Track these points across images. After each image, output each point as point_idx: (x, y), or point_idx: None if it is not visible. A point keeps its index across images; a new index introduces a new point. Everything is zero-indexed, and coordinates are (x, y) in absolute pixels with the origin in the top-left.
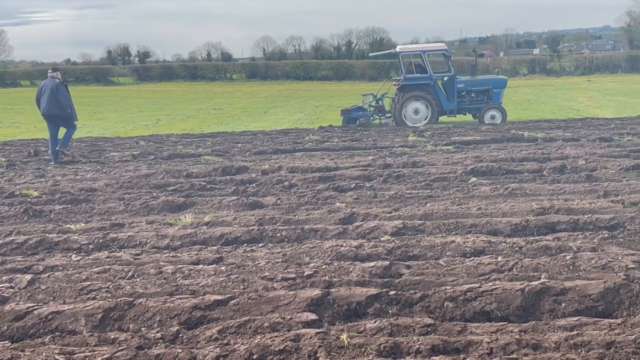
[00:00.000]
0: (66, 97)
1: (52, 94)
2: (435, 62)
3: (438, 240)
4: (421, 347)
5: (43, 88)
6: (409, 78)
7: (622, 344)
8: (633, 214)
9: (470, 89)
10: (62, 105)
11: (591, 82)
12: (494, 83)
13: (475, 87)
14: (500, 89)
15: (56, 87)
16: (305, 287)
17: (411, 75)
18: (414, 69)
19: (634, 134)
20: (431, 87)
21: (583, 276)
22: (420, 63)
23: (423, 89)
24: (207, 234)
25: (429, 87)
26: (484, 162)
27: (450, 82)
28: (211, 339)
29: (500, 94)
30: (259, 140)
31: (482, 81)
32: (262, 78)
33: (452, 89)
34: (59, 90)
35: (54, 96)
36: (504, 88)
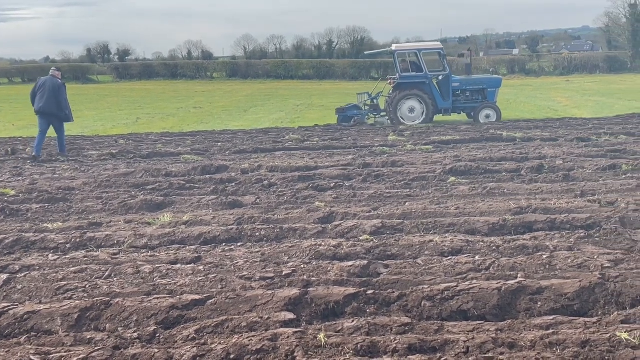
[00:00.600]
0: (65, 98)
1: (53, 93)
2: (429, 61)
3: (416, 239)
4: (398, 346)
5: (42, 85)
6: (404, 77)
7: (597, 343)
8: (609, 213)
9: (465, 88)
10: (61, 105)
11: (570, 82)
12: (489, 82)
13: (470, 86)
14: (495, 88)
15: (58, 87)
16: (284, 287)
17: (407, 74)
18: (410, 67)
19: (611, 134)
20: (427, 85)
21: (559, 275)
22: (415, 62)
23: (419, 87)
24: (185, 233)
25: (424, 85)
26: (463, 161)
27: (446, 81)
28: (188, 338)
29: (495, 93)
30: (239, 139)
31: (477, 80)
32: (242, 77)
33: (447, 87)
34: (60, 91)
35: (55, 96)
36: (498, 87)
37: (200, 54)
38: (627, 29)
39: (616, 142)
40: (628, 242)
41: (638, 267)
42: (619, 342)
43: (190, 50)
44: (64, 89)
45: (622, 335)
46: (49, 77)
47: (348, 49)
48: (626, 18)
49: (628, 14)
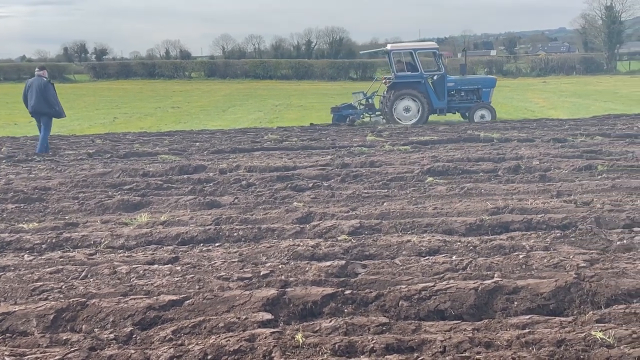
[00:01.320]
0: (54, 95)
1: (40, 92)
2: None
3: (394, 239)
4: (375, 346)
5: (30, 86)
6: (400, 76)
7: (572, 342)
8: (585, 213)
9: (460, 87)
10: (50, 103)
11: (546, 83)
12: (484, 82)
13: (465, 86)
14: (490, 88)
15: (44, 85)
16: (261, 287)
17: (402, 74)
18: (405, 67)
19: (587, 135)
20: (422, 85)
21: (535, 275)
22: (410, 61)
23: (414, 87)
24: (162, 233)
25: (419, 85)
26: (441, 162)
27: (441, 81)
28: (165, 339)
29: (489, 93)
30: (217, 139)
31: (472, 80)
32: (221, 76)
33: (442, 87)
34: (47, 89)
35: (42, 94)
36: (493, 87)
37: (178, 54)
38: (603, 30)
39: (592, 143)
40: (603, 242)
41: (613, 267)
42: (594, 341)
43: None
44: (51, 87)
45: (597, 334)
46: (35, 78)
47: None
48: (602, 20)
49: (604, 15)
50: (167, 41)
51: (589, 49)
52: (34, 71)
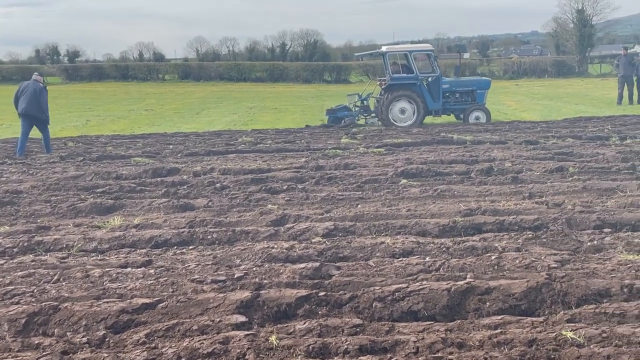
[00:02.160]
0: (46, 101)
1: (35, 96)
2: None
3: (368, 241)
4: (349, 348)
5: (25, 89)
6: (395, 78)
7: (543, 342)
8: (556, 214)
9: (455, 89)
10: (42, 108)
11: (519, 86)
12: (478, 84)
13: (459, 88)
14: (484, 90)
15: (40, 90)
16: (235, 290)
17: (398, 75)
18: (400, 69)
19: (558, 137)
20: (417, 87)
21: (507, 275)
22: (405, 63)
23: (410, 88)
24: (136, 236)
25: (415, 87)
26: (414, 164)
27: (436, 83)
28: (138, 342)
29: (484, 95)
30: (191, 141)
31: (467, 82)
32: (195, 79)
33: (437, 89)
34: (41, 94)
35: (36, 98)
36: (487, 89)
37: (151, 56)
38: (575, 34)
39: (563, 145)
40: (574, 242)
41: (583, 268)
42: (565, 340)
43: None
44: (45, 93)
45: (567, 334)
46: (32, 81)
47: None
48: (573, 23)
49: (575, 19)
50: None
51: (560, 52)
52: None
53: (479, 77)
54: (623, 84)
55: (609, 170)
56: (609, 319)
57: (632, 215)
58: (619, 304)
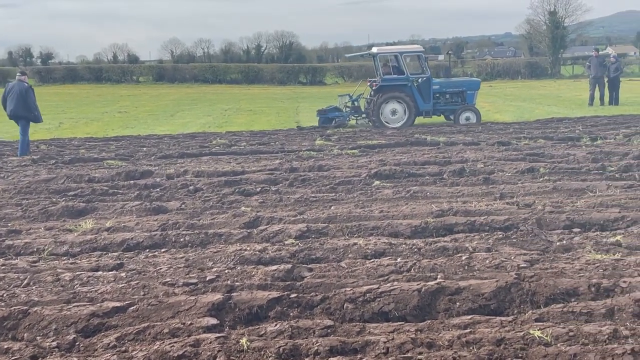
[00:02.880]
0: (33, 101)
1: (21, 97)
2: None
3: (341, 242)
4: (320, 349)
5: (11, 90)
6: (386, 79)
7: (511, 341)
8: (526, 215)
9: (445, 90)
10: (29, 107)
11: (492, 87)
12: (468, 85)
13: (449, 89)
14: (474, 90)
15: (25, 90)
16: (207, 292)
17: (388, 77)
18: (391, 70)
19: (530, 138)
20: (408, 88)
21: (477, 276)
22: (396, 64)
23: (400, 90)
24: (107, 239)
25: (406, 88)
26: (388, 165)
27: (426, 84)
28: (109, 346)
29: (474, 95)
30: (165, 144)
31: (457, 83)
32: (169, 81)
33: (428, 90)
34: (27, 94)
35: (22, 99)
36: (477, 90)
37: (126, 58)
38: (547, 35)
39: (535, 146)
40: (544, 242)
41: (552, 267)
42: (532, 339)
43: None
44: (32, 92)
45: (535, 333)
46: (17, 82)
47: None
48: (546, 25)
49: (548, 21)
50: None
51: (534, 53)
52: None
53: (469, 78)
54: (594, 85)
55: (579, 171)
56: (576, 317)
57: (601, 215)
58: (586, 303)
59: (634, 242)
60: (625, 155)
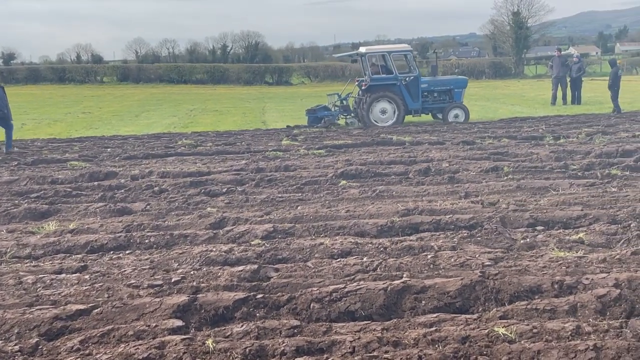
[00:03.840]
0: (2, 98)
1: None
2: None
3: (307, 242)
4: (286, 349)
5: None
6: (375, 79)
7: (476, 339)
8: (491, 213)
9: (433, 89)
10: None
11: None
12: (456, 83)
13: (437, 87)
14: (462, 88)
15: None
16: (172, 294)
17: (377, 76)
18: (379, 69)
19: (494, 137)
20: (397, 87)
21: (442, 274)
22: (384, 64)
23: (389, 89)
24: (71, 242)
25: (394, 87)
26: (354, 165)
27: (414, 82)
28: (72, 349)
29: (461, 93)
30: (129, 144)
31: (444, 81)
32: (134, 81)
33: (416, 89)
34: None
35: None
36: (464, 88)
37: (89, 58)
38: (511, 36)
39: (499, 145)
40: (508, 240)
41: (516, 265)
42: (497, 337)
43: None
44: (1, 91)
45: (499, 330)
46: None
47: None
48: (510, 25)
49: (511, 21)
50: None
51: (498, 53)
52: None
53: (456, 76)
54: (557, 84)
55: (542, 170)
56: (539, 314)
57: (564, 213)
58: (550, 300)
59: (596, 239)
60: (588, 154)
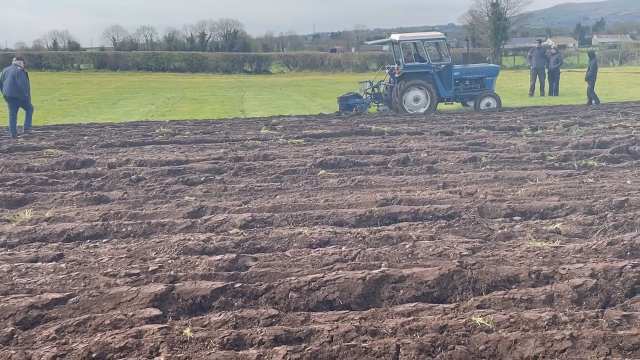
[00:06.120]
0: (25, 83)
1: (14, 80)
2: None
3: (286, 232)
4: (264, 338)
5: (6, 73)
6: (408, 66)
7: (453, 328)
8: (469, 203)
9: (465, 77)
10: (20, 90)
11: None
12: (487, 71)
13: (469, 75)
14: (493, 76)
15: (17, 73)
16: (150, 283)
17: (410, 64)
18: (413, 57)
19: (472, 128)
20: (430, 75)
21: (420, 264)
22: (418, 52)
23: (423, 77)
24: (47, 230)
25: (428, 75)
26: (333, 155)
27: (447, 70)
28: (48, 338)
29: (492, 81)
30: (106, 132)
31: (476, 69)
32: (111, 69)
33: (448, 77)
34: (19, 77)
35: (15, 81)
36: (496, 76)
37: (66, 45)
38: (489, 27)
39: (477, 136)
40: (485, 230)
41: (494, 255)
42: (474, 326)
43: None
44: (24, 75)
45: (477, 319)
46: (12, 66)
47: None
48: (488, 16)
49: (490, 12)
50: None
51: (476, 44)
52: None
53: (488, 65)
54: (535, 75)
55: (520, 160)
56: (517, 304)
57: (541, 203)
58: (527, 290)
59: (572, 229)
60: (565, 145)
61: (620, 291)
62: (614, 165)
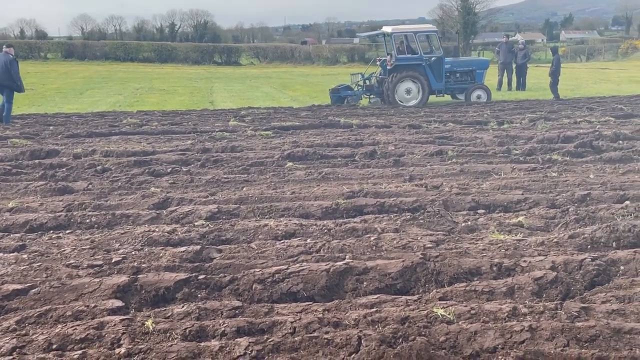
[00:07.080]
0: (16, 72)
1: (5, 67)
2: None
3: (251, 224)
4: (227, 330)
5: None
6: (400, 59)
7: (415, 319)
8: (434, 196)
9: (456, 69)
10: (13, 78)
11: None
12: (478, 64)
13: (460, 68)
14: (483, 69)
15: (10, 61)
16: (112, 274)
17: (403, 56)
18: (405, 49)
19: (440, 122)
20: (422, 67)
21: (384, 256)
22: (409, 44)
23: (415, 69)
24: (9, 220)
25: (420, 67)
26: (301, 147)
27: (438, 63)
28: (8, 330)
29: (483, 74)
30: (72, 123)
31: (467, 62)
32: (79, 58)
33: (440, 69)
34: (11, 65)
35: (7, 69)
36: (486, 69)
37: (33, 33)
38: (459, 21)
39: (444, 129)
40: (449, 223)
41: (457, 247)
42: (436, 317)
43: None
44: (16, 63)
45: (438, 311)
46: (2, 54)
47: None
48: (458, 11)
49: (460, 7)
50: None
51: (446, 38)
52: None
53: (478, 58)
54: (503, 70)
55: (485, 154)
56: (478, 296)
57: (505, 196)
58: (488, 282)
59: (535, 223)
60: (530, 139)
61: (580, 284)
62: (577, 160)
